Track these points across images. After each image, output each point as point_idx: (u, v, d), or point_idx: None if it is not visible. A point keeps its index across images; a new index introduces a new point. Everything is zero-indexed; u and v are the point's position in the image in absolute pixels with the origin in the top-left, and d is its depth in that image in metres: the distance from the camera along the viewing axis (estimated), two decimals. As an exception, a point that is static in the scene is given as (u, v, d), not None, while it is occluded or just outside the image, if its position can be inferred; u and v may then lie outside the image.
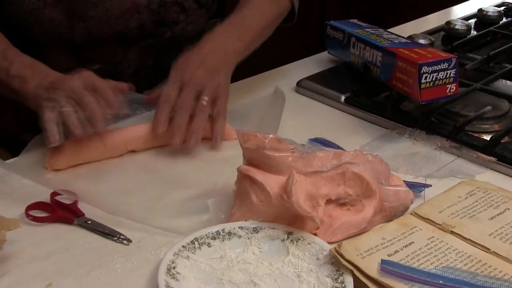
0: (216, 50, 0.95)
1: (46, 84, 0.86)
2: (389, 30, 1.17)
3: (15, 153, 0.91)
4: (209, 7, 1.07)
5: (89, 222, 0.75)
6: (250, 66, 1.12)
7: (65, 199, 0.79)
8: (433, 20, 1.49)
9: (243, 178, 0.74)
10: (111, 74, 1.05)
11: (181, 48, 1.11)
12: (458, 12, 1.58)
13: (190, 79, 0.90)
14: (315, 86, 1.11)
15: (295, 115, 1.04)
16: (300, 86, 1.12)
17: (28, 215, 0.75)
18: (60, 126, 0.83)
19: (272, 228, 0.72)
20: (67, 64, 1.02)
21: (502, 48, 1.22)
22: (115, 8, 0.98)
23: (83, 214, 0.76)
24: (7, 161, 0.88)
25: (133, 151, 0.92)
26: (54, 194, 0.79)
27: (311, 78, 1.14)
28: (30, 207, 0.76)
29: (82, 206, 0.78)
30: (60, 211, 0.76)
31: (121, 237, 0.73)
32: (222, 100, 0.92)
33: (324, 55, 1.26)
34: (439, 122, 0.99)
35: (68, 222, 0.76)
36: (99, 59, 1.04)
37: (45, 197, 0.79)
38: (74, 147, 0.86)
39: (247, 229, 0.72)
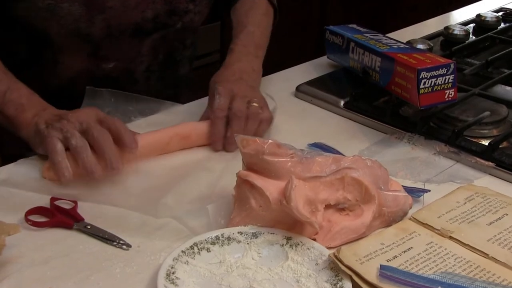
0: (245, 70, 1.01)
1: (47, 114, 0.84)
2: (388, 35, 1.17)
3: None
4: None
5: (89, 227, 0.75)
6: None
7: (64, 204, 0.79)
8: (432, 25, 1.49)
9: (243, 183, 0.74)
10: (125, 71, 1.07)
11: (186, 41, 1.13)
12: (456, 17, 1.58)
13: (238, 90, 0.95)
14: (314, 90, 1.12)
15: (294, 120, 1.04)
16: (299, 91, 1.12)
17: (27, 220, 0.75)
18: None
19: (271, 233, 0.72)
20: (81, 64, 1.03)
21: (500, 53, 1.22)
22: None
23: (82, 219, 0.77)
24: (7, 166, 0.88)
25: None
26: (53, 199, 0.79)
27: (310, 83, 1.14)
28: (29, 212, 0.76)
29: (81, 211, 0.78)
30: (59, 216, 0.76)
31: (121, 242, 0.73)
32: (266, 108, 0.96)
33: (324, 60, 1.26)
34: (438, 127, 0.99)
35: (68, 227, 0.76)
36: (114, 57, 1.06)
37: (45, 202, 0.79)
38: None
39: (247, 234, 0.72)
